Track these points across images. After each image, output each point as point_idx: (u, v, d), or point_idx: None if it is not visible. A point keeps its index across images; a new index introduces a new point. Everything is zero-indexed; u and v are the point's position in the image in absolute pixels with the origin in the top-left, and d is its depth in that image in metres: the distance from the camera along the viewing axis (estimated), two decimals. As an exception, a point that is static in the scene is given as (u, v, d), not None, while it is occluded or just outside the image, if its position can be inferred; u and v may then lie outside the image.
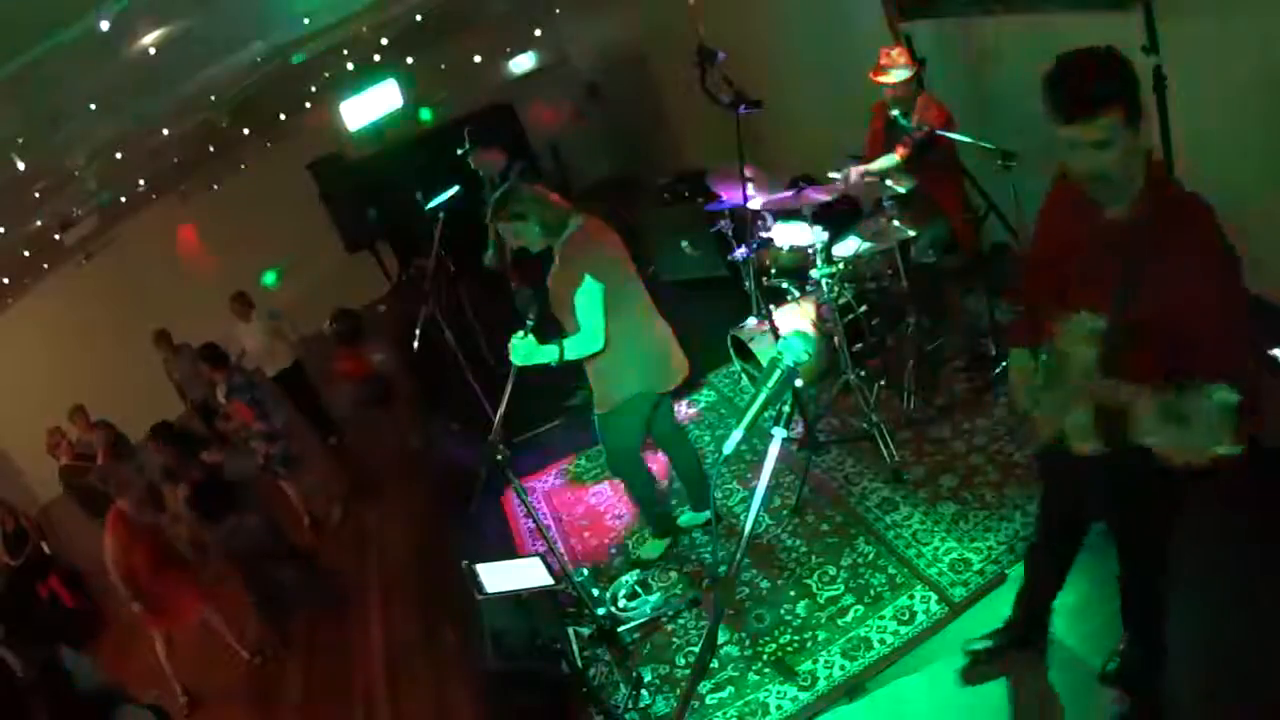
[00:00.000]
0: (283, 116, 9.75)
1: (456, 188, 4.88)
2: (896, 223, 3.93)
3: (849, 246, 4.16)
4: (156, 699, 4.26)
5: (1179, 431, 1.42)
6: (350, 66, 8.80)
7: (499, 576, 3.09)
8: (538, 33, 11.03)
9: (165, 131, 7.45)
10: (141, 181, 8.89)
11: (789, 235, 4.44)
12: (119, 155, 6.99)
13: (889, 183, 3.88)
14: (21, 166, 4.95)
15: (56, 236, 8.40)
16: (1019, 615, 2.69)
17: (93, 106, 5.15)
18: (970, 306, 4.63)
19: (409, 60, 9.54)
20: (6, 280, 8.87)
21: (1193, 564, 2.47)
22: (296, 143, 9.76)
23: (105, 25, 3.83)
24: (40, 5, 3.53)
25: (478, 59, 10.66)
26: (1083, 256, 1.86)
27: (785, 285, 4.54)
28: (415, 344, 5.21)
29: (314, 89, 9.19)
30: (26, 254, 8.62)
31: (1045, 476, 2.47)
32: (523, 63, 11.36)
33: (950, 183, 4.18)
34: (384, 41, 8.39)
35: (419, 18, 8.03)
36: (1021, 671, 2.68)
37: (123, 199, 9.00)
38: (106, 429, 6.89)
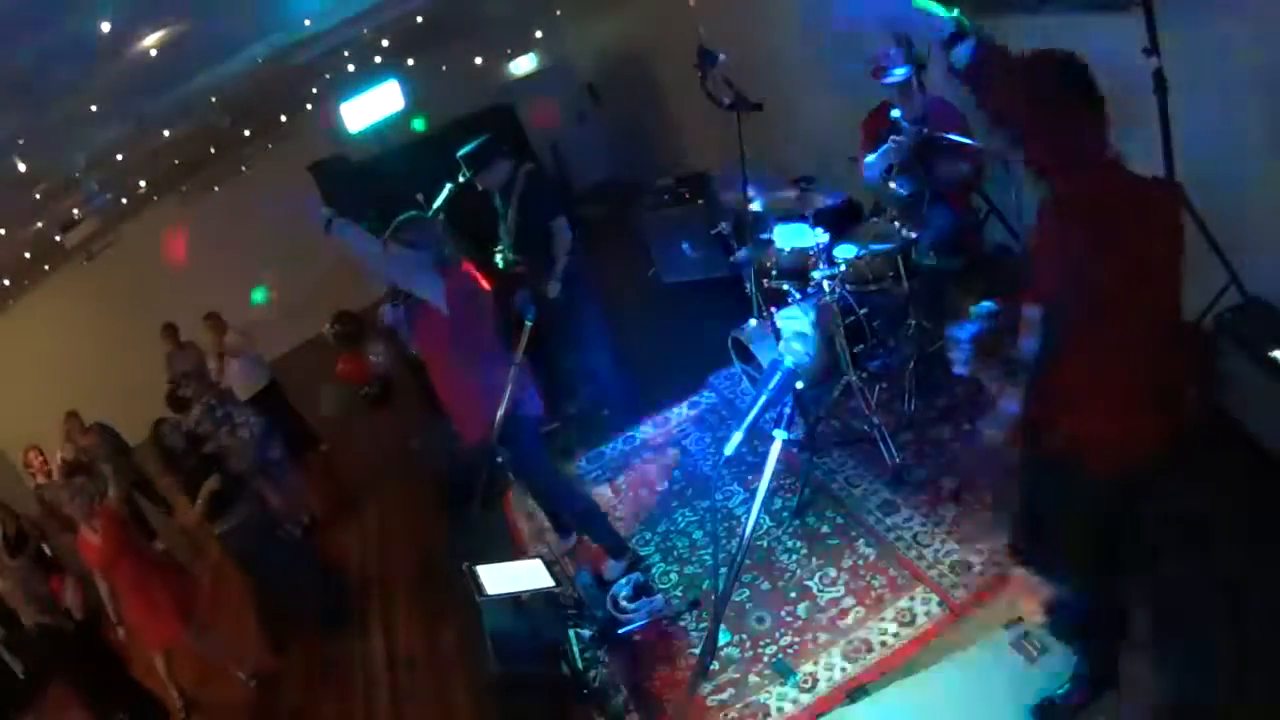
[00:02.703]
0: (284, 118, 9.75)
1: (450, 186, 4.88)
2: (897, 224, 3.92)
3: (850, 248, 4.15)
4: None
5: None
6: (351, 68, 8.80)
7: (500, 578, 3.10)
8: (538, 34, 11.03)
9: (166, 133, 7.46)
10: (142, 183, 8.89)
11: (790, 237, 4.43)
12: (119, 157, 6.99)
13: (892, 185, 3.87)
14: (22, 168, 4.96)
15: (57, 238, 8.40)
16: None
17: (94, 108, 5.16)
18: (971, 308, 4.61)
19: (409, 61, 9.53)
20: (7, 282, 8.87)
21: (1193, 565, 2.48)
22: (297, 144, 9.74)
23: (106, 26, 3.84)
24: (41, 6, 3.54)
25: (478, 60, 10.65)
26: None
27: (786, 287, 4.53)
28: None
29: (315, 90, 9.19)
30: (27, 255, 8.63)
31: None
32: (523, 64, 11.34)
33: (965, 186, 4.17)
34: (384, 43, 8.39)
35: (419, 19, 8.04)
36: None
37: (123, 200, 8.99)
38: (102, 431, 6.88)
